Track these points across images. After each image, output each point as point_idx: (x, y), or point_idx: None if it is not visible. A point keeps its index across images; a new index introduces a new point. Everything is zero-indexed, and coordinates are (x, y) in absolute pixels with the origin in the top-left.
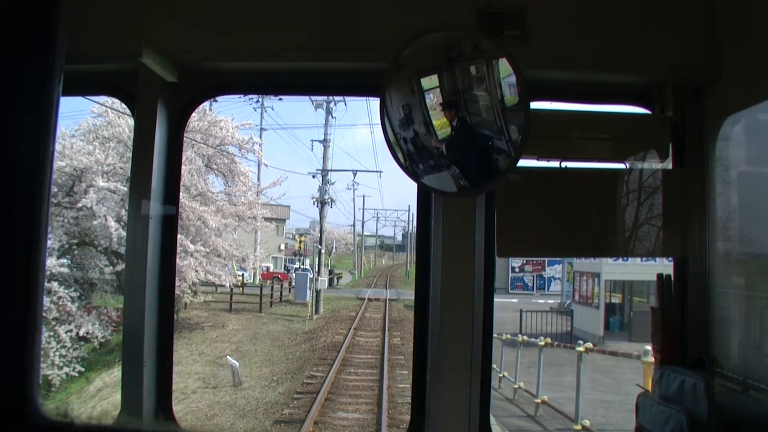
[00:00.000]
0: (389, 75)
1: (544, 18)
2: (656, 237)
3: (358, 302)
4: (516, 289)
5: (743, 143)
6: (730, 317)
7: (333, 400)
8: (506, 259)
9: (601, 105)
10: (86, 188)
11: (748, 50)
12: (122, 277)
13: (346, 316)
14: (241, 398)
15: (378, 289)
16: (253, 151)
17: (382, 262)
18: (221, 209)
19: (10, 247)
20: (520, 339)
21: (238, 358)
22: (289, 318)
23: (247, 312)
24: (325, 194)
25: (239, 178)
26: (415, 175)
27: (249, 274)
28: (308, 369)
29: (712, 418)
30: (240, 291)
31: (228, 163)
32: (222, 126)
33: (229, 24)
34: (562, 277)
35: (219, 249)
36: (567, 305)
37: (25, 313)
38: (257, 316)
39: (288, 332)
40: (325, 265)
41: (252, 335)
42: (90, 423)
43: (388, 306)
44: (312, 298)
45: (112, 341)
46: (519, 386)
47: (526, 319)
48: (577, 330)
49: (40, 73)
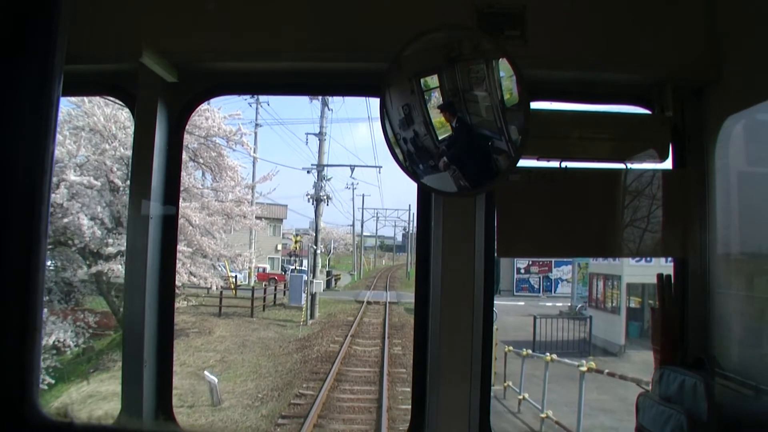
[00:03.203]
0: (389, 75)
1: (544, 18)
2: (656, 237)
3: (357, 306)
4: (521, 291)
5: (743, 143)
6: (730, 317)
7: (323, 426)
8: (511, 260)
9: (601, 105)
10: (57, 183)
11: (748, 50)
12: (100, 279)
13: (343, 321)
14: (218, 421)
15: (378, 291)
16: (241, 143)
17: (382, 263)
18: (207, 206)
19: (10, 247)
20: (547, 358)
21: (223, 370)
22: (282, 323)
23: (237, 317)
24: (321, 191)
25: (227, 173)
26: (415, 175)
27: (243, 275)
28: (298, 384)
29: (712, 418)
30: (233, 293)
31: (215, 156)
32: (208, 116)
33: (229, 24)
34: (573, 278)
35: (205, 249)
36: (578, 309)
37: (25, 313)
38: (248, 321)
39: (280, 339)
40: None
41: (240, 343)
42: (90, 423)
43: (388, 310)
44: (307, 302)
45: (96, 347)
46: (546, 415)
47: (540, 326)
48: (596, 338)
49: (40, 73)
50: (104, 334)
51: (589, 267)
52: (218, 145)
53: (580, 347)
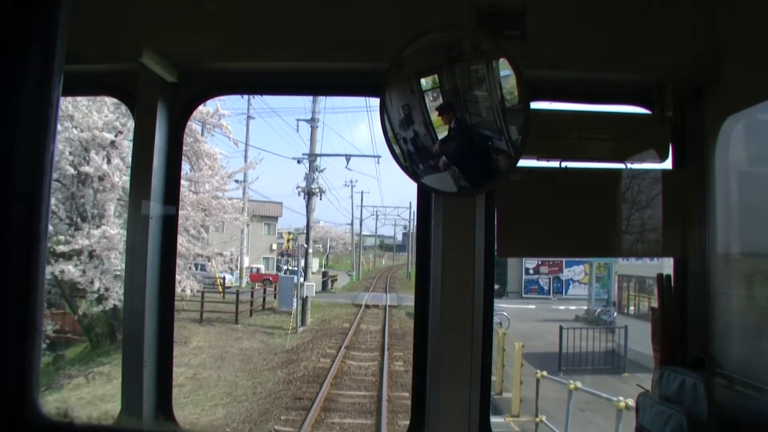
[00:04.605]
0: (389, 75)
1: (544, 18)
2: (656, 237)
3: (354, 310)
4: (530, 293)
5: (743, 143)
6: (730, 317)
7: None
8: (519, 261)
9: (601, 105)
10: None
11: (748, 50)
12: (61, 279)
13: (337, 328)
14: None
15: (377, 293)
16: (219, 126)
17: (381, 263)
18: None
19: (10, 247)
20: (623, 405)
21: (192, 390)
22: (269, 331)
23: (220, 323)
24: (313, 183)
25: (204, 161)
26: (415, 175)
27: (235, 276)
28: (276, 415)
29: (712, 418)
30: (221, 296)
31: (190, 142)
32: None
33: (229, 24)
34: (590, 280)
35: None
36: (597, 314)
37: (25, 313)
38: (231, 328)
39: (264, 351)
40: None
41: (218, 355)
42: (90, 423)
43: (388, 314)
44: (297, 307)
45: (68, 355)
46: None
47: (567, 337)
48: (631, 351)
49: (40, 73)
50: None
51: (615, 268)
52: (194, 130)
53: (611, 361)
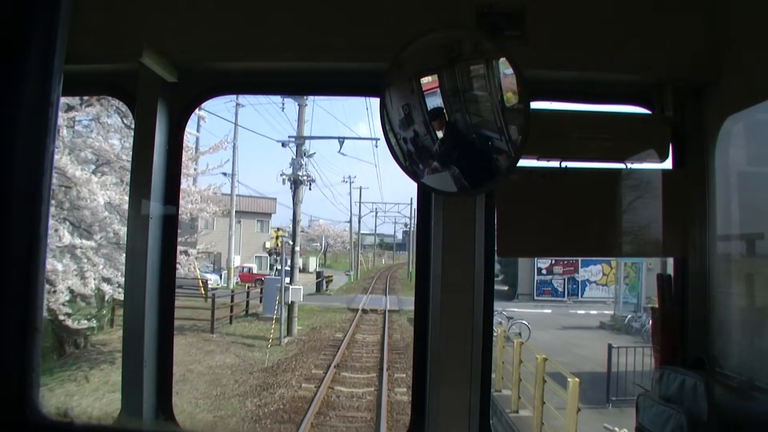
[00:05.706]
0: (389, 75)
1: (544, 18)
2: (656, 237)
3: (349, 315)
4: (543, 295)
5: (743, 143)
6: (730, 317)
7: None
8: (531, 260)
9: (601, 105)
10: None
11: (748, 50)
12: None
13: (328, 339)
14: None
15: (376, 295)
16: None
17: (381, 262)
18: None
19: (10, 247)
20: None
21: None
22: (248, 342)
23: (193, 332)
24: (300, 169)
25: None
26: (415, 175)
27: (223, 276)
28: None
29: (712, 418)
30: (203, 299)
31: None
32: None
33: (229, 24)
34: (618, 280)
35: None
36: (628, 320)
37: (25, 313)
38: (205, 338)
39: (239, 368)
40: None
41: (180, 376)
42: (90, 423)
43: (388, 321)
44: (279, 314)
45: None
46: None
47: (615, 357)
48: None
49: (40, 73)
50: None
51: (647, 266)
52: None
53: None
